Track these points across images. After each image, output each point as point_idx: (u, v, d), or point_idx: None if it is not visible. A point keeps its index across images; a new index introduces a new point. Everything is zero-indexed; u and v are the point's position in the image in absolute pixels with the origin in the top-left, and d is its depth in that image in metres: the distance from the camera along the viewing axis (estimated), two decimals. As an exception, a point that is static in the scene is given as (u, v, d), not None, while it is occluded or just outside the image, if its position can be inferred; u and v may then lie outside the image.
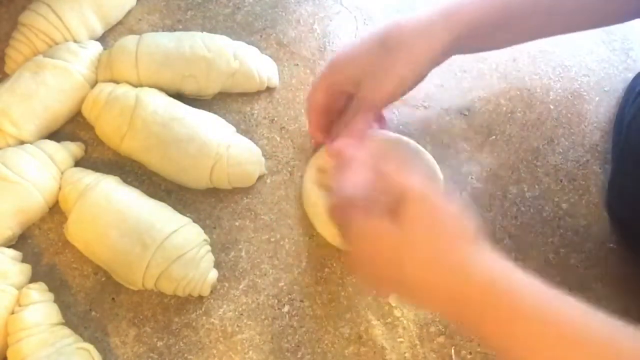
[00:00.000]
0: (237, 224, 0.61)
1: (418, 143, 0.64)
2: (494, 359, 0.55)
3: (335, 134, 0.55)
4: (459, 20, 0.51)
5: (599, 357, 0.38)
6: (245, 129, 0.65)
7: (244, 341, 0.55)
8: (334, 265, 0.59)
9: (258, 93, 0.67)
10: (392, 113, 0.66)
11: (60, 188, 0.59)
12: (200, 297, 0.57)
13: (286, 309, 0.57)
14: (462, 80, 0.68)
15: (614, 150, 0.64)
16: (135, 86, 0.63)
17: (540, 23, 0.55)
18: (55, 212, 0.60)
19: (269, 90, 0.67)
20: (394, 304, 0.57)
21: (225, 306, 0.57)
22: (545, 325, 0.39)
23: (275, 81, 0.66)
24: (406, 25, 0.52)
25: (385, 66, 0.52)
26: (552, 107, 0.67)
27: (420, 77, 0.54)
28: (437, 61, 0.54)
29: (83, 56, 0.64)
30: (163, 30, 0.69)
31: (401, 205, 0.42)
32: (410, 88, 0.55)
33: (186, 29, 0.69)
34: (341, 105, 0.56)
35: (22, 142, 0.61)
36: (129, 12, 0.71)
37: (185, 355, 0.55)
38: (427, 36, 0.51)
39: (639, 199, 0.57)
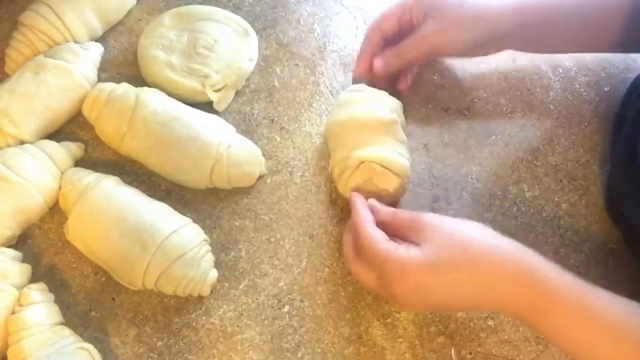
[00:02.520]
0: (237, 224, 0.61)
1: (418, 143, 0.65)
2: (494, 359, 0.55)
3: (382, 55, 0.60)
4: (525, 12, 0.58)
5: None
6: (245, 129, 0.65)
7: (244, 341, 0.55)
8: (334, 265, 0.59)
9: (258, 93, 0.67)
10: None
11: (60, 188, 0.59)
12: (200, 297, 0.57)
13: (286, 309, 0.57)
14: (462, 80, 0.68)
15: (612, 150, 0.64)
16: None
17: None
18: (55, 212, 0.60)
19: (269, 90, 0.67)
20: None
21: (225, 306, 0.57)
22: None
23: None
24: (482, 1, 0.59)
25: (455, 16, 0.58)
26: (552, 107, 0.67)
27: (472, 46, 0.59)
28: (491, 41, 0.60)
29: (84, 57, 0.64)
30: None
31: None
32: (459, 50, 0.61)
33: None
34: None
35: (22, 142, 0.61)
36: (129, 12, 0.71)
37: (185, 355, 0.55)
38: (497, 14, 0.58)
39: (637, 199, 0.57)
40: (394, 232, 0.50)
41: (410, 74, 0.65)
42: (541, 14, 0.59)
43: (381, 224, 0.51)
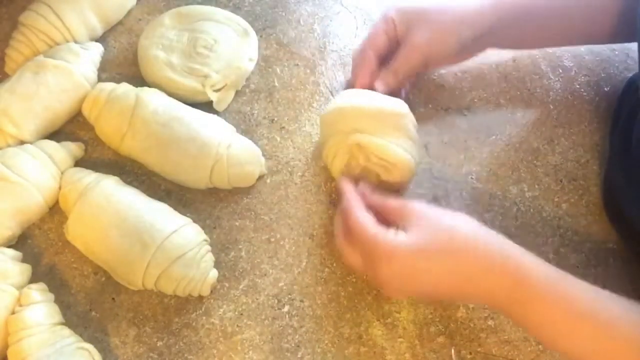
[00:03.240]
0: (237, 224, 0.61)
1: (418, 143, 0.64)
2: (494, 359, 0.55)
3: (380, 79, 0.60)
4: (502, 7, 0.59)
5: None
6: (245, 129, 0.65)
7: (244, 341, 0.55)
8: (334, 265, 0.59)
9: (258, 93, 0.67)
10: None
11: (60, 188, 0.59)
12: (200, 297, 0.57)
13: (286, 309, 0.57)
14: (462, 80, 0.68)
15: (610, 147, 0.64)
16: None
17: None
18: (55, 212, 0.60)
19: (269, 90, 0.67)
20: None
21: (225, 306, 0.57)
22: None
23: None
24: (461, 3, 0.59)
25: (437, 19, 0.59)
26: (552, 107, 0.67)
27: (459, 47, 0.60)
28: (476, 40, 0.60)
29: (84, 57, 0.64)
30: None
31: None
32: (448, 53, 0.60)
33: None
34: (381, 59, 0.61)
35: (22, 142, 0.61)
36: (129, 12, 0.71)
37: (185, 355, 0.55)
38: (476, 13, 0.59)
39: (633, 196, 0.57)
40: (383, 217, 0.51)
41: (404, 91, 0.65)
42: (520, 8, 0.59)
43: (371, 209, 0.51)
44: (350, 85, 0.63)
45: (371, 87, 0.59)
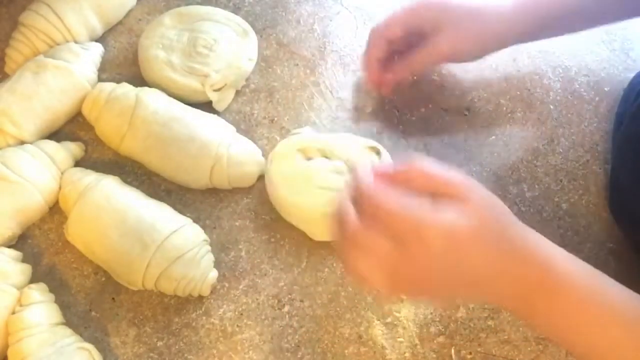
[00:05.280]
0: (237, 224, 0.61)
1: (418, 143, 0.64)
2: (494, 359, 0.55)
3: (396, 72, 0.59)
4: (533, 17, 0.58)
5: None
6: (245, 129, 0.65)
7: (244, 341, 0.55)
8: (334, 265, 0.59)
9: (258, 93, 0.67)
10: (393, 113, 0.66)
11: (60, 188, 0.59)
12: (200, 297, 0.57)
13: (286, 309, 0.57)
14: (462, 80, 0.68)
15: (613, 149, 0.64)
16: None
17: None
18: (55, 212, 0.60)
19: (269, 90, 0.67)
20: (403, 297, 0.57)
21: (225, 306, 0.57)
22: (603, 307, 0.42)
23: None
24: (491, 6, 0.58)
25: (467, 27, 0.57)
26: (552, 107, 0.67)
27: (483, 54, 0.60)
28: (503, 46, 0.60)
29: (84, 57, 0.64)
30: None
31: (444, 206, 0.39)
32: (470, 59, 0.61)
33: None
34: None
35: (22, 142, 0.61)
36: (129, 12, 0.71)
37: (185, 355, 0.55)
38: (506, 23, 0.58)
39: (638, 197, 0.57)
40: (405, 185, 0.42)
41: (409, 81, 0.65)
42: (552, 9, 0.58)
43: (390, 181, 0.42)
44: (362, 65, 0.64)
45: (379, 77, 0.59)
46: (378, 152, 0.58)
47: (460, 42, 0.58)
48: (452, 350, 0.55)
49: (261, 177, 0.62)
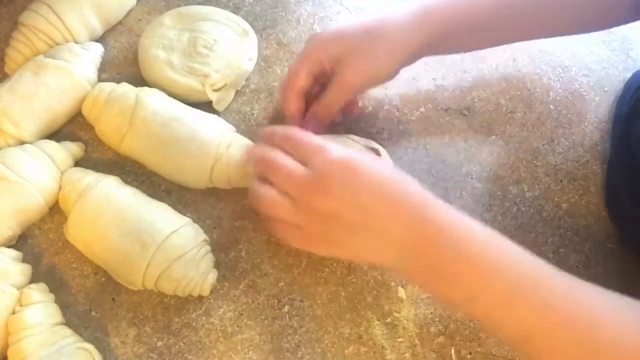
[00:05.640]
0: (237, 224, 0.61)
1: (418, 143, 0.64)
2: (494, 359, 0.55)
3: (312, 114, 0.58)
4: (433, 22, 0.55)
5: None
6: (245, 129, 0.65)
7: (244, 341, 0.55)
8: (334, 265, 0.59)
9: (258, 93, 0.67)
10: (393, 113, 0.66)
11: (60, 188, 0.59)
12: (200, 297, 0.57)
13: (286, 309, 0.57)
14: (462, 80, 0.68)
15: (611, 146, 0.64)
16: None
17: (519, 25, 0.59)
18: (55, 212, 0.60)
19: (269, 90, 0.67)
20: (403, 297, 0.57)
21: (225, 306, 0.57)
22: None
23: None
24: (388, 20, 0.55)
25: (368, 50, 0.55)
26: (552, 107, 0.67)
27: (395, 71, 0.58)
28: (412, 57, 0.58)
29: (84, 57, 0.64)
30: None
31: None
32: (385, 79, 0.58)
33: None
34: (315, 90, 0.59)
35: (22, 142, 0.61)
36: (129, 12, 0.71)
37: (185, 355, 0.55)
38: (405, 33, 0.55)
39: (635, 194, 0.57)
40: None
41: (355, 98, 0.63)
42: (447, 17, 0.56)
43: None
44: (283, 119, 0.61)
45: (303, 125, 0.58)
46: (378, 153, 0.58)
47: (365, 70, 0.55)
48: (452, 350, 0.55)
49: (261, 177, 0.62)
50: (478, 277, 0.42)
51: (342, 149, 0.46)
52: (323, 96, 0.57)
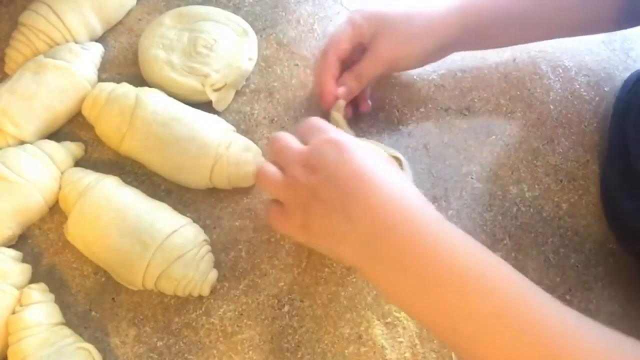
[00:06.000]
0: (237, 224, 0.61)
1: (418, 143, 0.64)
2: None
3: (342, 81, 0.60)
4: (472, 15, 0.59)
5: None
6: (245, 129, 0.65)
7: (244, 341, 0.55)
8: (334, 265, 0.59)
9: (258, 93, 0.67)
10: (393, 113, 0.66)
11: (60, 188, 0.59)
12: (200, 297, 0.57)
13: (286, 309, 0.57)
14: (462, 80, 0.68)
15: (608, 146, 0.64)
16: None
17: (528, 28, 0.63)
18: (55, 212, 0.60)
19: (269, 90, 0.67)
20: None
21: (225, 306, 0.57)
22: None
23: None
24: (429, 7, 0.60)
25: (407, 30, 0.59)
26: (552, 107, 0.67)
27: (427, 56, 0.61)
28: (446, 48, 0.61)
29: (84, 57, 0.64)
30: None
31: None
32: (415, 62, 0.62)
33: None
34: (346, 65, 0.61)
35: (22, 142, 0.61)
36: (129, 12, 0.71)
37: (185, 355, 0.55)
38: (445, 20, 0.59)
39: (629, 194, 0.57)
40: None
41: (367, 95, 0.65)
42: (484, 14, 0.60)
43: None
44: (314, 87, 0.64)
45: (334, 92, 0.59)
46: (400, 163, 0.57)
47: (399, 45, 0.59)
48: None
49: (261, 177, 0.62)
50: (438, 272, 0.41)
51: (341, 133, 0.47)
52: (356, 66, 0.60)
